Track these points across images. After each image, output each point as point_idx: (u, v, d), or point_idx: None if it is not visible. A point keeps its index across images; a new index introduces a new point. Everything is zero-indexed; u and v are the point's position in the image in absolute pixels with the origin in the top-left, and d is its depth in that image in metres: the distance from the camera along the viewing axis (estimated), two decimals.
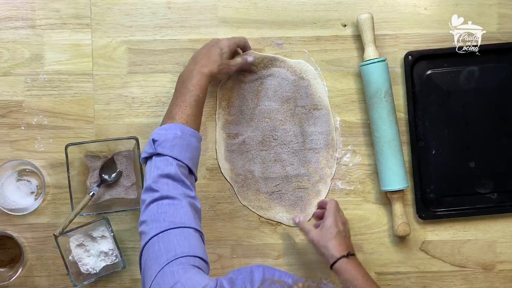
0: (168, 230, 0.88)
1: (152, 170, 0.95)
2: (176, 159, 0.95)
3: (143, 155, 0.97)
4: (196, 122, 1.01)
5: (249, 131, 1.19)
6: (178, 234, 0.88)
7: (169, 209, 0.91)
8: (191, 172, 0.98)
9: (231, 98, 1.19)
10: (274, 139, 1.19)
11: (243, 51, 1.15)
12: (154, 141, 0.96)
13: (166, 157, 0.95)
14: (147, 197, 0.93)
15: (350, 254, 1.04)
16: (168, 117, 1.01)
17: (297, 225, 1.12)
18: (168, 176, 0.93)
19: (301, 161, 1.19)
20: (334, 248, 1.04)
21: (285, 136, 1.18)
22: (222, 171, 1.19)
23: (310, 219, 1.19)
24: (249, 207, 1.19)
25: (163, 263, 0.85)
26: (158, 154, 0.95)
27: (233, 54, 1.12)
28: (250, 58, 1.14)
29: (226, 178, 1.19)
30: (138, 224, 0.93)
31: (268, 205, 1.19)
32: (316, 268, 1.19)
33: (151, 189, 0.93)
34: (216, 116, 1.19)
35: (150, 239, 0.88)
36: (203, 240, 0.92)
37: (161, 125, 1.01)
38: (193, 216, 0.92)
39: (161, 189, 0.92)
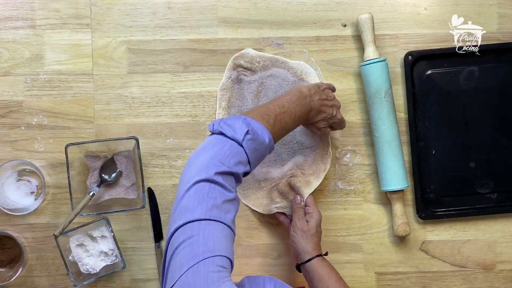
0: (211, 221, 0.81)
1: (220, 151, 0.85)
2: (249, 163, 0.88)
3: (223, 127, 0.87)
4: (279, 137, 0.97)
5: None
6: (220, 230, 0.81)
7: (220, 197, 0.83)
8: (242, 177, 0.91)
9: (231, 98, 1.19)
10: None
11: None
12: (247, 132, 0.87)
13: (244, 153, 0.87)
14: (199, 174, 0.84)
15: (325, 254, 1.09)
16: (269, 117, 0.93)
17: (295, 207, 1.11)
18: (231, 174, 0.86)
19: (298, 159, 1.18)
20: (312, 247, 1.07)
21: (285, 136, 1.18)
22: None
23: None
24: (250, 206, 1.19)
25: (198, 257, 0.77)
26: (238, 144, 0.87)
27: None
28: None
29: None
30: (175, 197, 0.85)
31: (266, 201, 1.18)
32: None
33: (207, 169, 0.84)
34: (216, 116, 1.19)
35: (191, 221, 0.80)
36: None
37: (256, 114, 0.92)
38: (234, 217, 0.86)
39: (219, 180, 0.84)
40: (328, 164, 1.18)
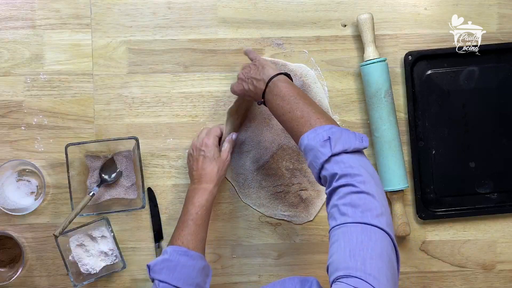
0: None
1: None
2: (163, 282, 0.96)
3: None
4: (193, 240, 1.01)
5: (249, 132, 1.19)
6: None
7: None
8: None
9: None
10: (274, 139, 1.19)
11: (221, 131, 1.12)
12: (148, 267, 0.99)
13: (155, 282, 0.97)
14: None
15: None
16: (169, 241, 1.04)
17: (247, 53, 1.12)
18: None
19: (300, 161, 1.19)
20: (270, 70, 1.02)
21: (285, 137, 1.18)
22: None
23: (313, 219, 1.19)
24: (251, 205, 1.19)
25: None
26: (153, 280, 0.98)
27: (219, 140, 1.11)
28: (234, 136, 1.12)
29: (226, 178, 1.19)
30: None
31: (270, 203, 1.19)
32: (316, 268, 1.19)
33: None
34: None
35: None
36: None
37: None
38: None
39: None
40: None
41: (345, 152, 0.84)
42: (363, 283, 0.72)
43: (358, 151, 0.85)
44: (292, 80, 1.01)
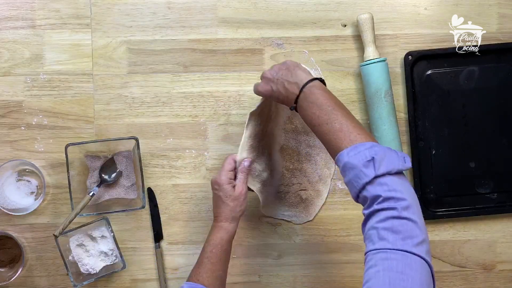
0: None
1: None
2: None
3: None
4: (209, 277, 1.01)
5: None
6: None
7: None
8: None
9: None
10: (274, 139, 1.19)
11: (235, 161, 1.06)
12: None
13: None
14: None
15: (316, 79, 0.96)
16: (187, 278, 1.03)
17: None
18: None
19: (300, 161, 1.19)
20: (303, 74, 0.96)
21: (285, 137, 1.18)
22: None
23: (313, 219, 1.19)
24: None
25: None
26: None
27: (235, 174, 1.05)
28: (246, 164, 1.05)
29: None
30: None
31: (270, 202, 1.18)
32: (316, 268, 1.19)
33: None
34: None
35: None
36: None
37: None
38: None
39: None
40: (332, 169, 1.19)
41: (389, 173, 0.81)
42: None
43: (400, 172, 0.83)
44: (325, 86, 0.97)
